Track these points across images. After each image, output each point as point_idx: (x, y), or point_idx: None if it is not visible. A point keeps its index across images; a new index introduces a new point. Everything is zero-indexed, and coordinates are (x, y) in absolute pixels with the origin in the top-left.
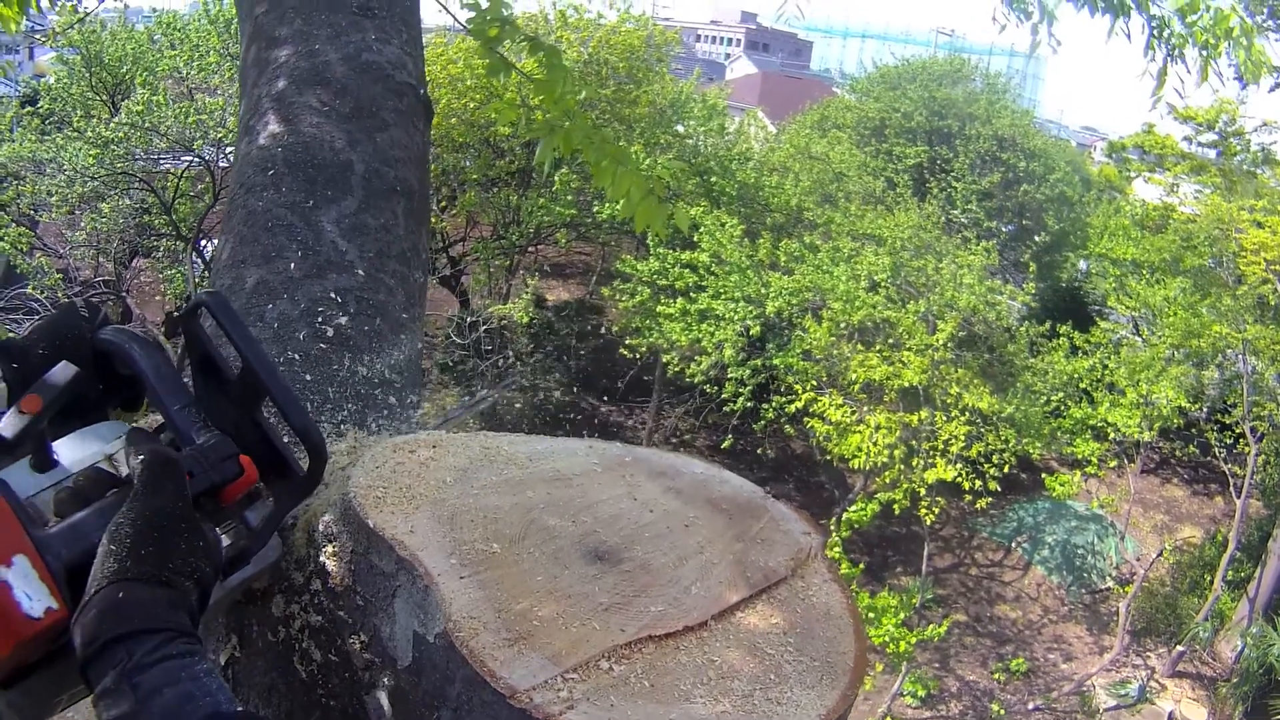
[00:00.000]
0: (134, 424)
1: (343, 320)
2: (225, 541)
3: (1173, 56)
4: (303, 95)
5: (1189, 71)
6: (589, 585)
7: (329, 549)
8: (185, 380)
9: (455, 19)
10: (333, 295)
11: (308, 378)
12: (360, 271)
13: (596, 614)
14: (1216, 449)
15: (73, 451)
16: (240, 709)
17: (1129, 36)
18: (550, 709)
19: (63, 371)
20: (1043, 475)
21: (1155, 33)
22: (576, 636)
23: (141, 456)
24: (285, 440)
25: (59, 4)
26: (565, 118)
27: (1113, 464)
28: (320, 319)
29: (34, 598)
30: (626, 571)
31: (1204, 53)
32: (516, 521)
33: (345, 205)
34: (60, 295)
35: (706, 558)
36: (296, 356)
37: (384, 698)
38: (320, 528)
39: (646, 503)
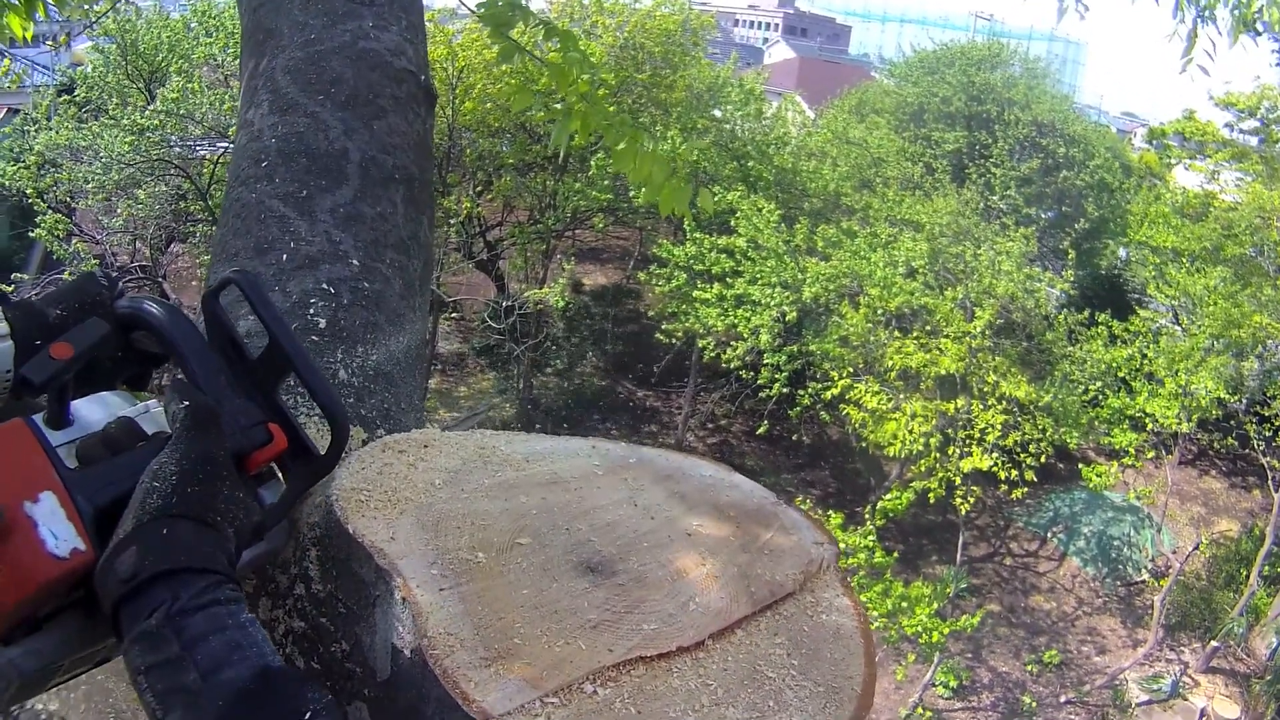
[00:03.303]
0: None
1: (336, 311)
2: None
3: (1203, 17)
4: (297, 85)
5: (1220, 34)
6: (578, 600)
7: (313, 553)
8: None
9: (464, 3)
10: (325, 286)
11: None
12: (355, 261)
13: (584, 632)
14: (1256, 441)
15: (87, 413)
16: (286, 665)
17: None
18: None
19: (95, 326)
20: (1079, 465)
21: None
22: (560, 656)
23: (186, 403)
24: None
25: (70, 4)
26: (581, 101)
27: (1150, 455)
28: (312, 310)
29: (60, 537)
30: (620, 585)
31: (1235, 11)
32: (506, 528)
33: (340, 194)
34: None
35: (708, 570)
36: None
37: (365, 712)
38: (305, 531)
39: (648, 509)
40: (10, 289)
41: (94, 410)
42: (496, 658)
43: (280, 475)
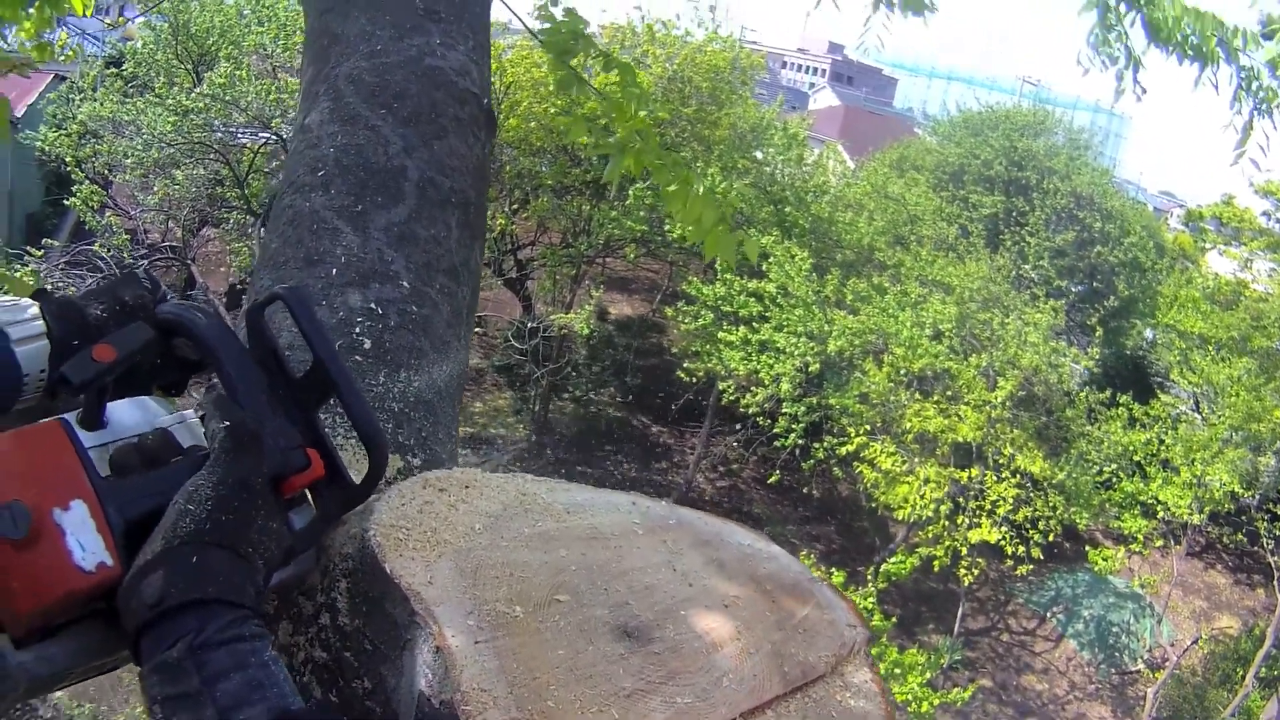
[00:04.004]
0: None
1: (382, 333)
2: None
3: (1260, 110)
4: (360, 95)
5: (1275, 128)
6: (613, 665)
7: (343, 585)
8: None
9: (529, 30)
10: (373, 306)
11: None
12: (405, 283)
13: (617, 700)
14: (1265, 539)
15: (122, 417)
16: (307, 708)
17: (1216, 87)
18: None
19: (139, 330)
20: (1086, 547)
21: (1244, 84)
22: None
23: (226, 423)
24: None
25: None
26: (636, 137)
27: (1158, 543)
28: (358, 330)
29: (88, 549)
30: (655, 653)
31: None
32: (545, 583)
33: (396, 213)
34: (126, 256)
35: (743, 645)
36: None
37: None
38: (337, 560)
39: (686, 575)
40: (39, 254)
41: (130, 414)
42: (529, 719)
43: (311, 500)
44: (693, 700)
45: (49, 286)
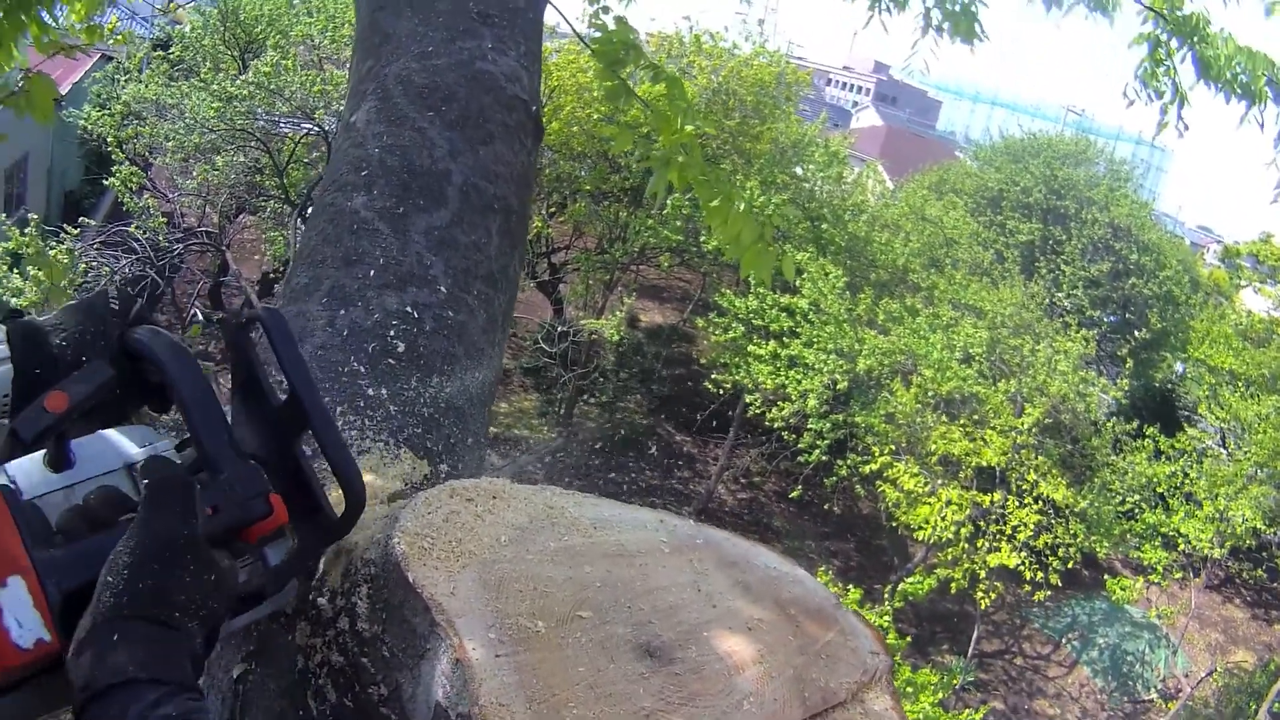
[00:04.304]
0: (158, 427)
1: (416, 337)
2: (241, 578)
3: None
4: (408, 96)
5: None
6: (634, 685)
7: (364, 590)
8: (223, 404)
9: (581, 39)
10: (409, 309)
11: (370, 392)
12: (443, 288)
13: (637, 719)
14: None
15: (92, 453)
16: None
17: (1262, 125)
18: None
19: (95, 372)
20: (1105, 575)
21: None
22: None
23: (147, 481)
24: (321, 480)
25: None
26: (681, 151)
27: (1178, 575)
28: (393, 333)
29: (25, 626)
30: (677, 674)
31: None
32: (568, 599)
33: (437, 217)
34: (162, 239)
35: (765, 669)
36: (362, 369)
37: None
38: (359, 565)
39: (710, 596)
40: (76, 232)
41: (99, 449)
42: None
43: (290, 535)
44: None
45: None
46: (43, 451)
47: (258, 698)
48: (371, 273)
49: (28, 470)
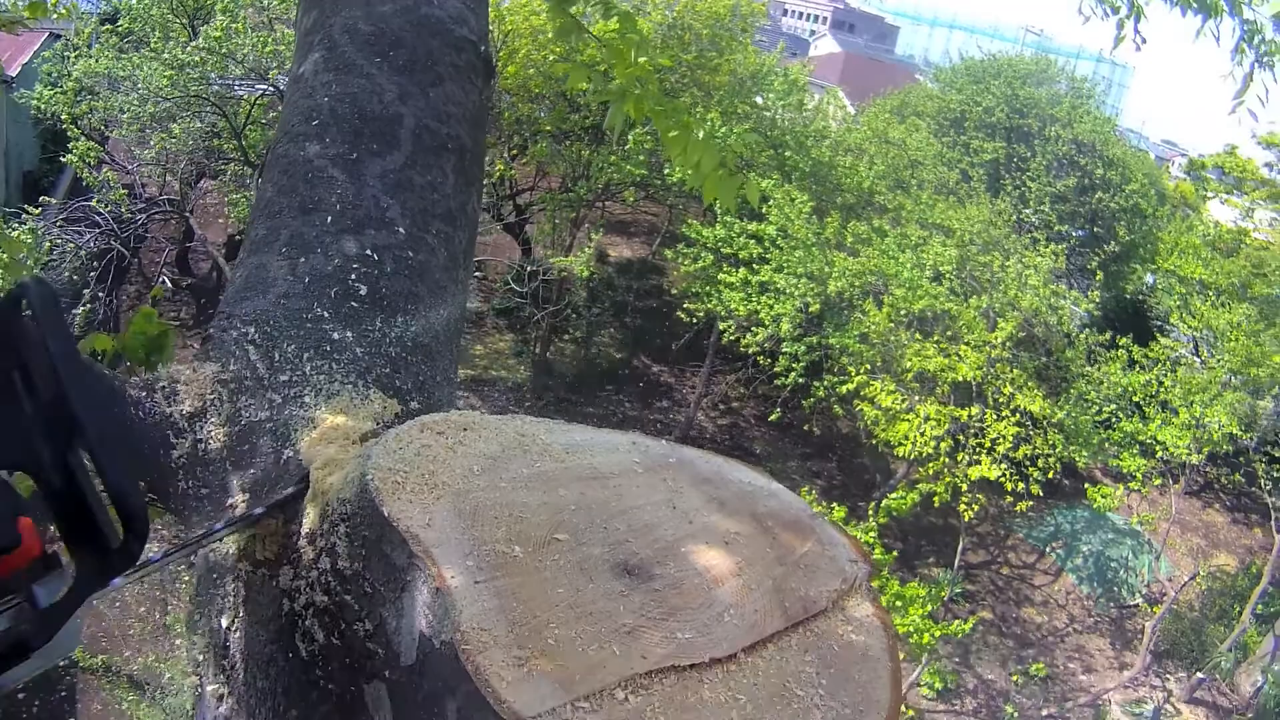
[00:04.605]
0: None
1: (378, 279)
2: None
3: (1261, 63)
4: (355, 44)
5: (1276, 80)
6: (614, 603)
7: (341, 529)
8: None
9: None
10: (369, 253)
11: (335, 336)
12: (401, 230)
13: (618, 636)
14: (1263, 480)
15: None
16: None
17: (1218, 39)
18: None
19: None
20: (1085, 485)
21: (1246, 37)
22: (593, 661)
23: None
24: (104, 495)
25: None
26: (636, 84)
27: (1157, 482)
28: (354, 276)
29: None
30: (656, 590)
31: None
32: (544, 522)
33: (391, 160)
34: (125, 210)
35: (744, 581)
36: (326, 313)
37: (384, 691)
38: (335, 505)
39: (686, 513)
40: (37, 211)
41: None
42: (529, 658)
43: (71, 563)
44: (694, 635)
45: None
46: None
47: (248, 644)
48: (329, 219)
49: None
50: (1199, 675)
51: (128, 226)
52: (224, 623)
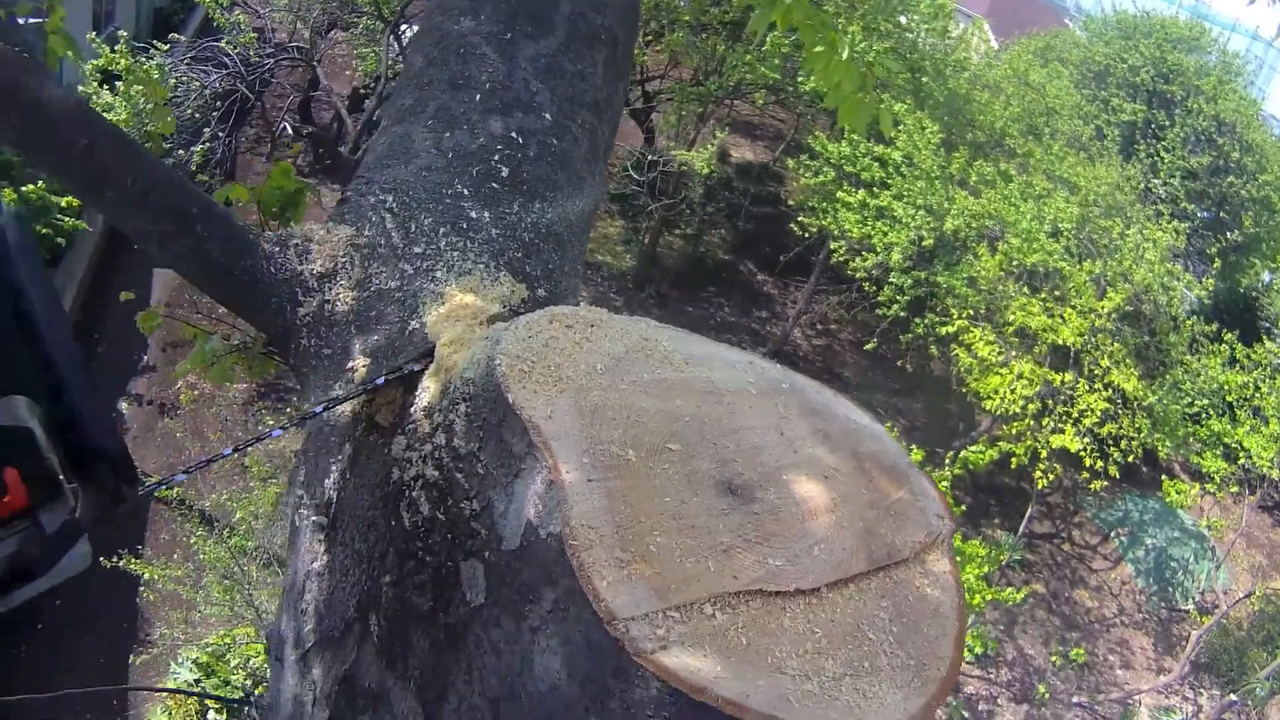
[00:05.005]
0: None
1: (520, 163)
2: (8, 550)
3: None
4: None
5: None
6: (715, 520)
7: (462, 408)
8: None
9: None
10: (514, 135)
11: (473, 215)
12: (548, 115)
13: (714, 554)
14: None
15: None
16: None
17: None
18: (643, 644)
19: None
20: (1163, 476)
21: None
22: (689, 573)
23: None
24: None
25: None
26: None
27: (1234, 489)
28: (497, 157)
29: None
30: (755, 513)
31: None
32: (659, 430)
33: (544, 44)
34: (253, 54)
35: (837, 518)
36: (466, 191)
37: (481, 571)
38: (459, 383)
39: (792, 441)
40: (165, 48)
41: None
42: (630, 561)
43: (72, 493)
44: (784, 564)
45: (173, 80)
46: None
47: (350, 505)
48: (478, 97)
49: None
50: (1232, 697)
51: (254, 70)
52: (330, 481)
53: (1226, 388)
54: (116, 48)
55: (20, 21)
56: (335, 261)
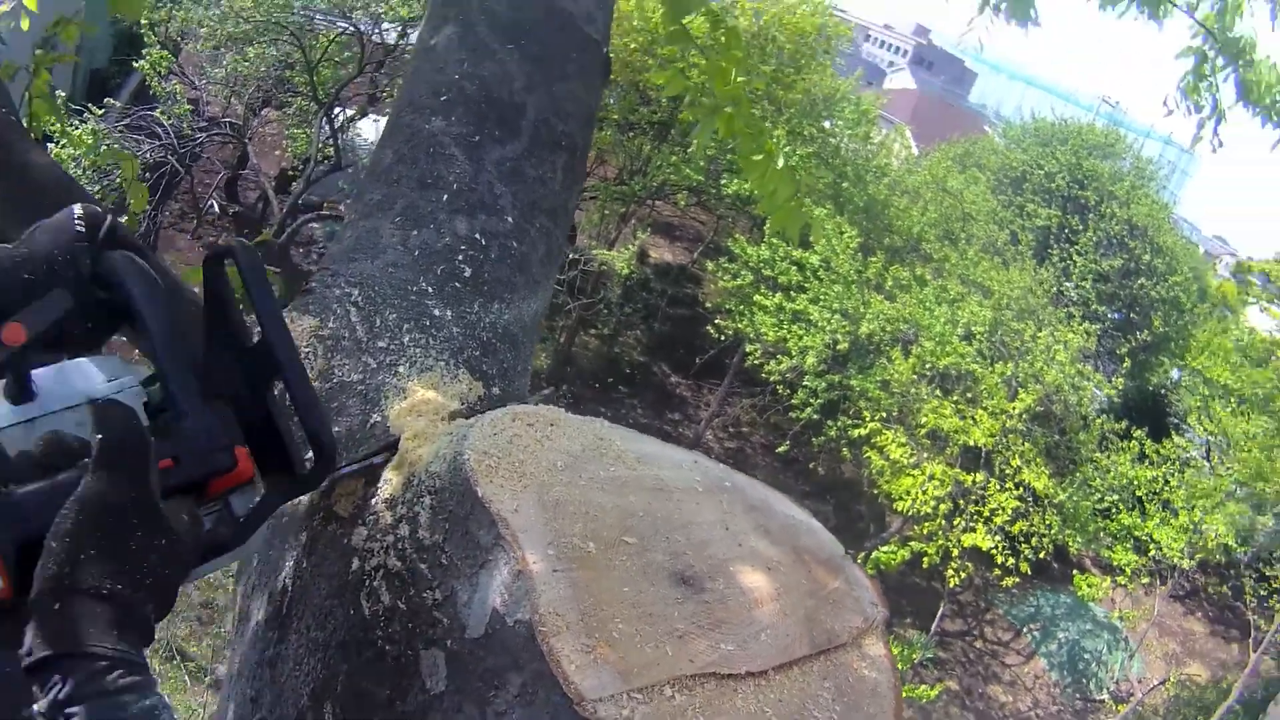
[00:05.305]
0: (134, 363)
1: (483, 264)
2: (206, 526)
3: None
4: (491, 27)
5: None
6: (670, 608)
7: (427, 500)
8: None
9: None
10: (477, 236)
11: (436, 312)
12: (510, 219)
13: (671, 639)
14: (1249, 596)
15: (55, 385)
16: None
17: None
18: None
19: (54, 303)
20: (1074, 571)
21: None
22: (649, 658)
23: (100, 436)
24: (293, 427)
25: None
26: (730, 102)
27: (1144, 580)
28: (461, 258)
29: None
30: (706, 602)
31: None
32: (615, 524)
33: (510, 148)
34: (186, 126)
35: (781, 606)
36: (430, 289)
37: (442, 659)
38: (424, 475)
39: (737, 536)
40: (100, 112)
41: (66, 381)
42: (596, 646)
43: (259, 484)
44: (734, 648)
45: (104, 147)
46: (2, 382)
47: (306, 593)
48: (445, 197)
49: None
50: None
51: (186, 143)
52: (285, 570)
53: (1136, 483)
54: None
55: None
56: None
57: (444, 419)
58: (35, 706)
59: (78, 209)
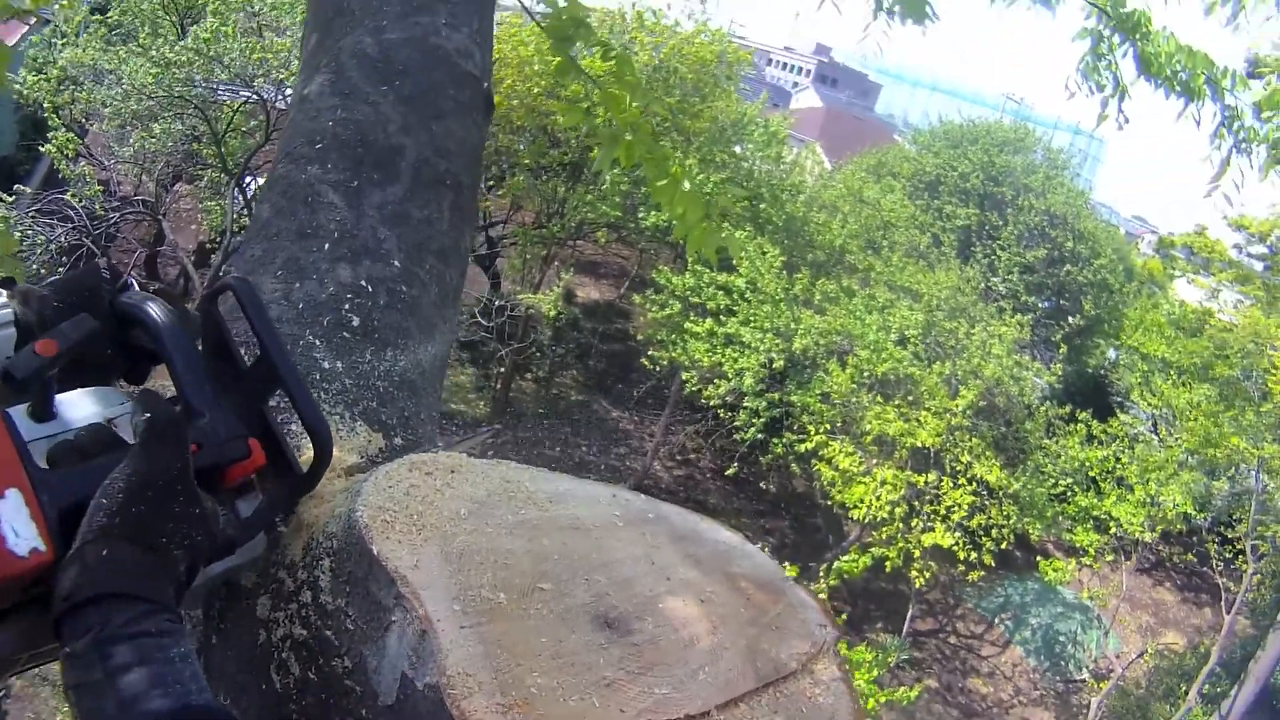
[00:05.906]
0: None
1: (370, 311)
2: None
3: (1239, 149)
4: (362, 71)
5: (1252, 167)
6: (594, 655)
7: (326, 563)
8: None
9: (530, 15)
10: (364, 283)
11: (325, 365)
12: (396, 263)
13: (598, 689)
14: (1215, 561)
15: (72, 409)
16: (211, 703)
17: (1198, 122)
18: None
19: (83, 323)
20: (1038, 557)
21: (1226, 122)
22: (573, 712)
23: (146, 414)
24: (289, 438)
25: None
26: (629, 129)
27: (1109, 558)
28: (347, 306)
29: (21, 535)
30: (635, 645)
31: (1273, 150)
32: (528, 571)
33: (391, 191)
34: (98, 207)
35: (718, 640)
36: (318, 342)
37: None
38: (321, 538)
39: (664, 569)
40: (10, 199)
41: (82, 406)
42: (513, 705)
43: (259, 489)
44: (670, 691)
45: (18, 234)
46: (26, 404)
47: (219, 669)
48: (326, 246)
49: (14, 419)
50: None
51: (100, 224)
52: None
53: (1088, 464)
54: None
55: None
56: None
57: (340, 475)
58: (69, 647)
59: (102, 261)
